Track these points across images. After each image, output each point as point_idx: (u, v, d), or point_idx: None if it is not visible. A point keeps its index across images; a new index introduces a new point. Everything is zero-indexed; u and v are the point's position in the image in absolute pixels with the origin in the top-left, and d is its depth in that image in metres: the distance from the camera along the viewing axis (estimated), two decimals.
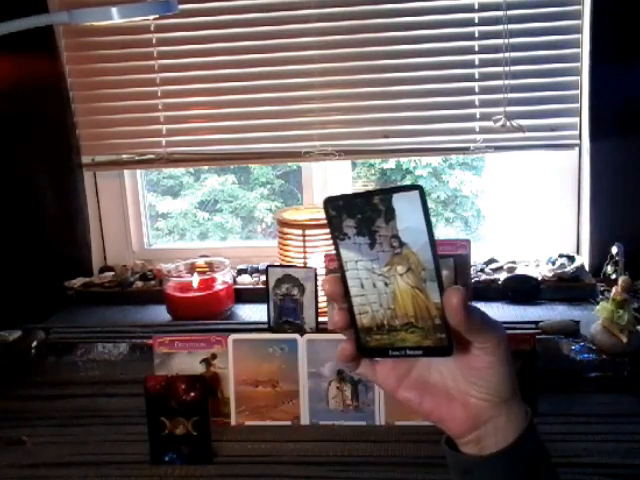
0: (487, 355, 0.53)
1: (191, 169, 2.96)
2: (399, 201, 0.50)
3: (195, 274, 1.65)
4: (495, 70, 1.66)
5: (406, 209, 0.50)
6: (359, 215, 0.51)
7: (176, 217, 3.01)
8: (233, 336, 1.27)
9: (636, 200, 1.61)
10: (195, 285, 1.62)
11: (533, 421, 0.56)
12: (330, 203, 0.52)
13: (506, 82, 1.65)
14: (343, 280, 0.54)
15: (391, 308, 0.53)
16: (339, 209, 0.52)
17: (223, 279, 1.65)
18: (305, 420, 1.25)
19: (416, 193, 0.49)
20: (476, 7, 1.65)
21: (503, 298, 1.62)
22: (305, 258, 1.57)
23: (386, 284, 0.53)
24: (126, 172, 1.91)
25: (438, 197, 3.04)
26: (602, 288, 1.58)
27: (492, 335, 0.53)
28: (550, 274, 1.64)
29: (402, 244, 0.51)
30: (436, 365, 0.57)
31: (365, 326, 0.54)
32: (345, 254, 0.53)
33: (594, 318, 1.38)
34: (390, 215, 0.50)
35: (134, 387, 1.30)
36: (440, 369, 0.57)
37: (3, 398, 1.39)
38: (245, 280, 1.75)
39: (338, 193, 0.53)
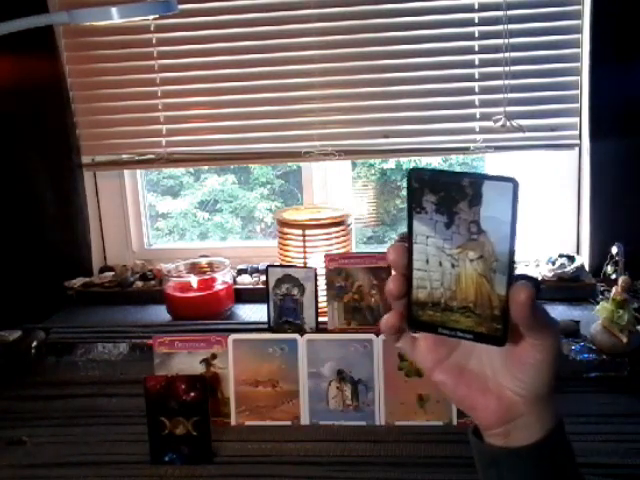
0: (538, 352, 0.53)
1: (191, 169, 2.96)
2: (489, 189, 0.49)
3: (193, 275, 1.64)
4: (495, 70, 1.66)
5: (494, 198, 0.49)
6: (443, 193, 0.51)
7: (176, 217, 3.00)
8: (233, 336, 1.27)
9: (636, 200, 1.61)
10: (194, 285, 1.62)
11: (563, 421, 0.57)
12: (415, 173, 0.51)
13: (506, 82, 1.65)
14: (410, 252, 0.53)
15: (452, 289, 0.53)
16: (423, 182, 0.51)
17: (223, 279, 1.65)
18: (305, 420, 1.25)
19: (510, 186, 0.49)
20: (476, 7, 1.65)
21: None
22: (305, 258, 1.57)
23: (453, 265, 0.52)
24: (126, 172, 1.91)
25: None
26: (602, 288, 1.58)
27: (548, 335, 0.53)
28: (550, 274, 1.64)
29: (481, 231, 0.51)
30: (478, 353, 0.57)
31: (420, 300, 0.54)
32: (417, 227, 0.52)
33: (594, 318, 1.38)
34: (476, 200, 0.50)
35: (134, 387, 1.30)
36: (481, 358, 0.57)
37: (3, 398, 1.39)
38: (245, 280, 1.75)
39: (426, 166, 0.52)
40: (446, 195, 0.51)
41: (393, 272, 0.55)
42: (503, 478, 0.57)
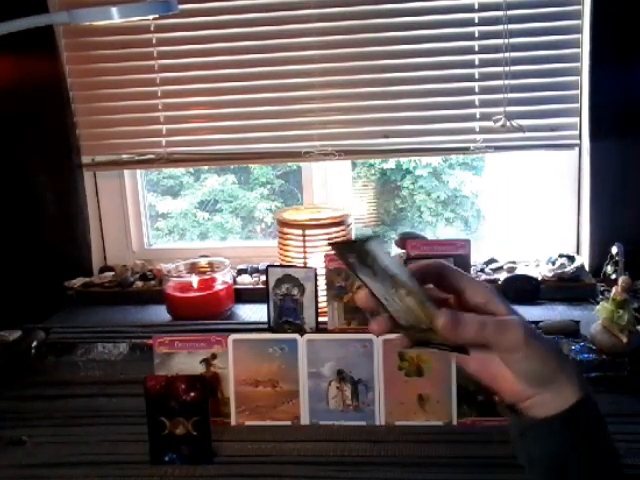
0: (508, 353, 0.57)
1: (191, 169, 2.96)
2: (371, 246, 0.54)
3: (193, 275, 1.65)
4: (495, 70, 1.66)
5: (378, 250, 0.54)
6: (354, 253, 0.56)
7: (176, 217, 3.01)
8: (233, 336, 1.27)
9: (636, 200, 1.61)
10: (195, 285, 1.62)
11: (589, 395, 0.59)
12: (334, 246, 0.59)
13: (506, 82, 1.65)
14: (372, 294, 0.58)
15: (413, 316, 0.57)
16: (340, 250, 0.58)
17: (223, 279, 1.65)
18: (305, 420, 1.25)
19: (379, 240, 0.54)
20: (476, 7, 1.65)
21: None
22: (305, 258, 1.57)
23: (400, 300, 0.57)
24: (126, 172, 1.91)
25: (438, 197, 3.04)
26: (602, 288, 1.58)
27: (506, 337, 0.57)
28: (550, 274, 1.64)
29: (392, 276, 0.55)
30: None
31: (404, 326, 0.59)
32: (363, 277, 0.57)
33: (594, 318, 1.38)
34: (371, 259, 0.55)
35: (134, 387, 1.29)
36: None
37: (3, 398, 1.39)
38: (245, 280, 1.75)
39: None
40: (357, 255, 0.55)
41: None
42: (529, 448, 0.60)
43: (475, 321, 0.56)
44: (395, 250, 1.67)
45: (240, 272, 1.79)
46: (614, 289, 1.34)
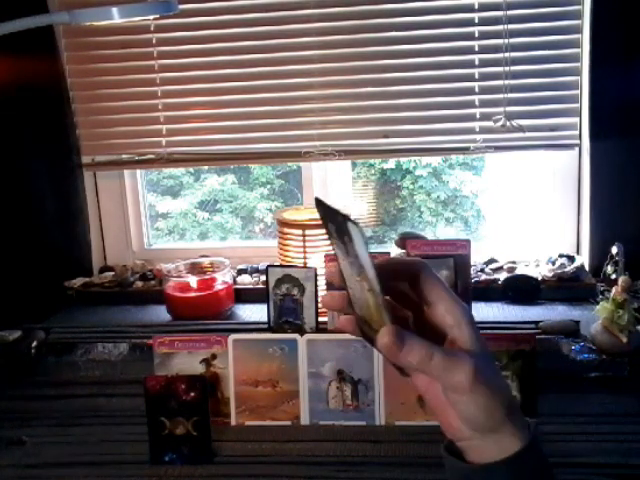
0: (451, 392, 0.52)
1: (191, 169, 2.96)
2: (352, 227, 0.50)
3: (193, 275, 1.65)
4: (495, 70, 1.66)
5: (356, 237, 0.50)
6: (335, 225, 0.51)
7: (176, 217, 3.01)
8: (233, 336, 1.27)
9: (636, 200, 1.61)
10: (195, 285, 1.62)
11: (537, 434, 0.55)
12: (318, 201, 0.52)
13: (506, 82, 1.65)
14: (340, 271, 0.54)
15: (367, 312, 0.53)
16: (324, 210, 0.52)
17: (223, 279, 1.65)
18: (305, 420, 1.25)
19: (360, 229, 0.49)
20: (476, 7, 1.65)
21: (503, 298, 1.62)
22: (305, 258, 1.57)
23: (361, 290, 0.52)
24: (126, 172, 1.91)
25: (438, 197, 3.04)
26: (602, 288, 1.58)
27: (452, 376, 0.51)
28: (550, 274, 1.64)
29: (361, 266, 0.51)
30: None
31: (357, 314, 0.55)
32: (336, 249, 0.53)
33: (594, 318, 1.38)
34: (349, 237, 0.50)
35: (134, 387, 1.30)
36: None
37: (3, 398, 1.39)
38: (245, 280, 1.75)
39: (325, 199, 0.53)
40: (337, 227, 0.51)
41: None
42: None
43: (422, 350, 0.51)
44: (396, 250, 1.67)
45: (240, 272, 1.79)
46: (614, 289, 1.35)
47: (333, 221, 0.51)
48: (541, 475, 0.56)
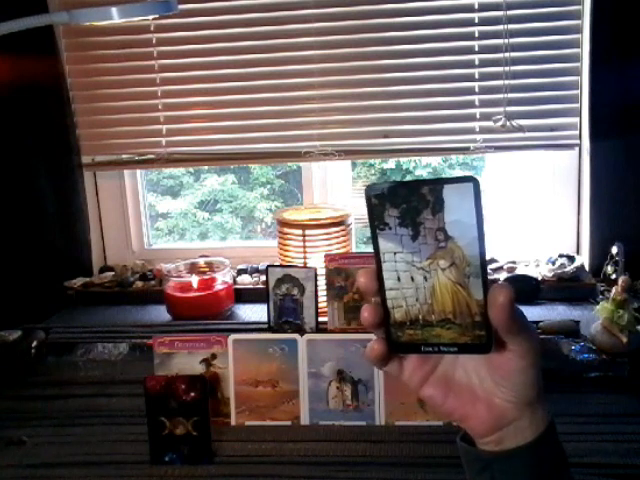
0: (519, 358, 0.52)
1: (191, 169, 2.97)
2: (450, 192, 0.48)
3: (193, 275, 1.65)
4: (495, 70, 1.66)
5: (457, 201, 0.48)
6: (404, 205, 0.49)
7: (176, 217, 3.01)
8: (233, 336, 1.27)
9: (636, 200, 1.61)
10: (195, 285, 1.62)
11: (554, 422, 0.56)
12: (373, 190, 0.50)
13: (506, 82, 1.65)
14: (379, 273, 0.51)
15: (428, 303, 0.51)
16: (382, 197, 0.50)
17: (223, 279, 1.65)
18: (305, 420, 1.25)
19: (470, 186, 0.47)
20: (476, 7, 1.65)
21: None
22: (305, 258, 1.57)
23: (425, 278, 0.51)
24: (126, 172, 1.91)
25: None
26: (602, 288, 1.58)
27: (528, 338, 0.52)
28: (550, 274, 1.64)
29: (448, 237, 0.49)
30: (462, 363, 0.56)
31: (398, 321, 0.52)
32: (383, 245, 0.51)
33: (594, 318, 1.38)
34: (439, 206, 0.48)
35: (134, 387, 1.30)
36: (465, 367, 0.56)
37: (3, 398, 1.39)
38: (245, 280, 1.75)
39: (382, 181, 0.50)
40: (407, 207, 0.49)
41: (366, 300, 0.54)
42: None
43: (519, 308, 0.51)
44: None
45: (240, 272, 1.79)
46: (614, 289, 1.35)
47: (405, 200, 0.48)
48: (560, 459, 0.57)
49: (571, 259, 1.67)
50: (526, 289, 1.61)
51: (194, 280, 1.62)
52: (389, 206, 0.50)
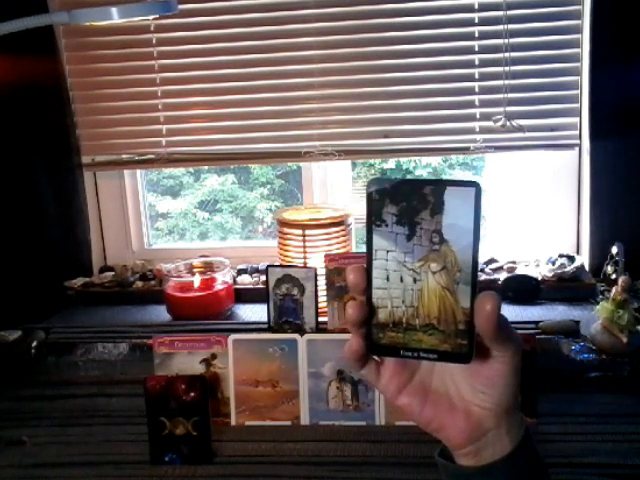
0: (502, 364, 0.52)
1: (191, 169, 2.97)
2: (452, 195, 0.47)
3: (193, 275, 1.65)
4: (495, 70, 1.66)
5: (457, 205, 0.47)
6: (404, 203, 0.49)
7: (176, 217, 3.01)
8: (233, 336, 1.27)
9: (636, 200, 1.61)
10: (195, 285, 1.62)
11: (529, 430, 0.56)
12: (375, 184, 0.49)
13: (506, 82, 1.65)
14: (368, 270, 0.51)
15: (414, 306, 0.50)
16: (384, 192, 0.49)
17: (223, 279, 1.65)
18: (305, 420, 1.25)
19: (472, 190, 0.47)
20: (476, 7, 1.65)
21: (503, 298, 1.61)
22: (305, 258, 1.57)
23: (415, 280, 0.50)
24: (126, 172, 1.91)
25: None
26: (602, 288, 1.58)
27: (512, 345, 0.51)
28: (550, 274, 1.64)
29: (443, 240, 0.48)
30: (439, 371, 0.55)
31: (380, 321, 0.51)
32: (378, 242, 0.50)
33: (594, 318, 1.38)
34: (438, 208, 0.48)
35: (134, 387, 1.30)
36: (442, 376, 0.55)
37: (3, 398, 1.39)
38: (245, 280, 1.75)
39: (385, 176, 0.50)
40: (407, 205, 0.49)
41: (353, 296, 0.53)
42: None
43: (504, 315, 0.50)
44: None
45: (240, 272, 1.79)
46: (614, 289, 1.35)
47: (405, 199, 0.48)
48: (538, 466, 0.56)
49: (571, 259, 1.67)
50: (526, 289, 1.62)
51: (196, 280, 1.62)
52: (389, 202, 0.49)
